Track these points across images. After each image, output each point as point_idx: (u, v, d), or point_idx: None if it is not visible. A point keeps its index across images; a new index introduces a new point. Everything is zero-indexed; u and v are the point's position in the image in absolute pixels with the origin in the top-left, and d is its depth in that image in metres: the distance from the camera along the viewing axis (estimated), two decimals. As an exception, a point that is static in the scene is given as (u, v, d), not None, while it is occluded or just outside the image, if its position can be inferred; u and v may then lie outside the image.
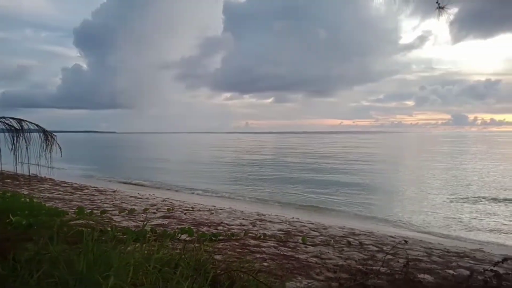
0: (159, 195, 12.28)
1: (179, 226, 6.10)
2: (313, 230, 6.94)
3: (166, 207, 8.70)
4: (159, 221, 6.83)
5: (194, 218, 7.39)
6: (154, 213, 7.91)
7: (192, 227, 5.83)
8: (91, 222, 5.99)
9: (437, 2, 3.67)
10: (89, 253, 2.59)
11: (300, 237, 5.92)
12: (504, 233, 10.18)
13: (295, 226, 7.29)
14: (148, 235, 5.01)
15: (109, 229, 5.00)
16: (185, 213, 7.99)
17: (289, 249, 5.10)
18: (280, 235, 6.13)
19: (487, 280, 3.37)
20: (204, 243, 4.82)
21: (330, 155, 42.08)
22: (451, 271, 4.49)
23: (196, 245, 4.37)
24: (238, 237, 5.54)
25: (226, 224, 6.96)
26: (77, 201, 9.42)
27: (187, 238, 5.04)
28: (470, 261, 5.19)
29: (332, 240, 5.90)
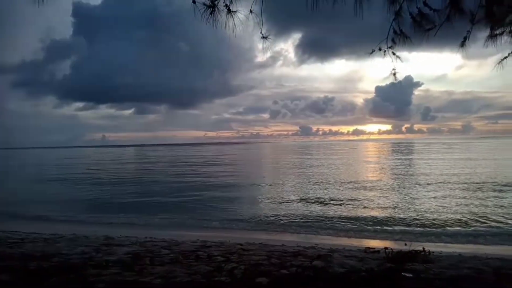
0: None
1: (-2, 265, 5.12)
2: (165, 248, 6.80)
3: (-15, 243, 7.22)
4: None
5: (22, 252, 6.32)
6: (-35, 252, 6.45)
7: (15, 264, 4.98)
8: None
9: (260, 32, 4.13)
10: None
11: (149, 258, 5.71)
12: (336, 229, 12.00)
13: (146, 247, 7.01)
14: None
15: None
16: (11, 247, 6.77)
17: (134, 273, 4.85)
18: (126, 259, 5.78)
19: (306, 274, 3.89)
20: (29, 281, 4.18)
21: (195, 165, 42.30)
22: (285, 271, 5.01)
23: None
24: (75, 268, 4.98)
25: (64, 254, 6.17)
26: None
27: (6, 279, 4.27)
28: (302, 259, 5.88)
29: (181, 256, 5.89)
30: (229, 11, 3.85)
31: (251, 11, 3.89)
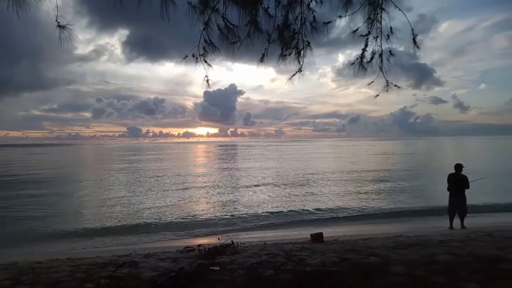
0: None
1: None
2: None
3: None
4: None
5: None
6: None
7: None
8: None
9: (56, 21, 3.66)
10: None
11: None
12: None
13: None
14: None
15: None
16: None
17: None
18: None
19: (114, 285, 3.67)
20: None
21: None
22: (90, 285, 4.59)
23: None
24: None
25: None
26: None
27: None
28: (112, 269, 5.52)
29: None
30: (14, -10, 3.26)
31: (42, -5, 3.39)
